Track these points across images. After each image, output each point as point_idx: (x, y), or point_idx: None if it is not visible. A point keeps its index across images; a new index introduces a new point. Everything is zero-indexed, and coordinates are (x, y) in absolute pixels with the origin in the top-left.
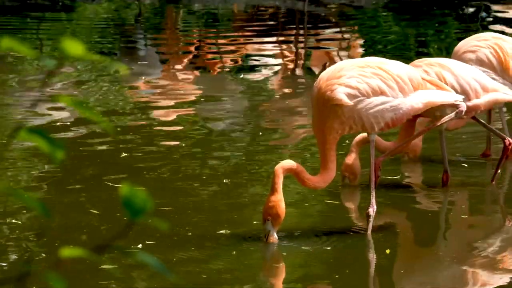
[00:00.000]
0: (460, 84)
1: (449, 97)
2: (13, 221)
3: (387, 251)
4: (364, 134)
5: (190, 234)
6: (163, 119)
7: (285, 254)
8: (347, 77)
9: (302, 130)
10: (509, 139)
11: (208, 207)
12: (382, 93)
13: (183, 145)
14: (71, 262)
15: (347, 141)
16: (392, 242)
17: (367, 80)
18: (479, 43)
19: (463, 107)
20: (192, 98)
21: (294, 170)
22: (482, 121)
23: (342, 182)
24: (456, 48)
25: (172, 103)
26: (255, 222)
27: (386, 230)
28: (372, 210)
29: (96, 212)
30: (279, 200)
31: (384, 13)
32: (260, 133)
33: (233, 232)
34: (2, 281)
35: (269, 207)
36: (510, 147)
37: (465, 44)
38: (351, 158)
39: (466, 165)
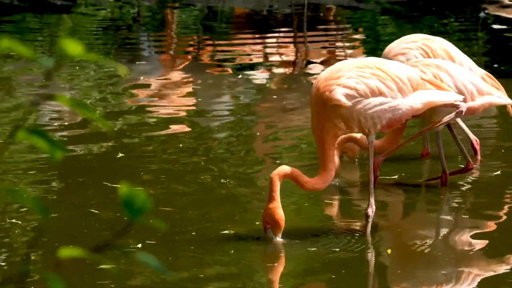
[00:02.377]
0: (457, 86)
1: (449, 97)
2: (13, 221)
3: (388, 251)
4: (351, 133)
5: (194, 234)
6: (161, 119)
7: (284, 254)
8: (346, 77)
9: (301, 130)
10: (473, 163)
11: (208, 207)
12: (380, 93)
13: (180, 145)
14: (70, 262)
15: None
16: (391, 242)
17: (366, 80)
18: (408, 45)
19: (463, 107)
20: (191, 98)
21: (290, 175)
22: (454, 132)
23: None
24: (386, 50)
25: (170, 102)
26: (257, 223)
27: (385, 230)
28: (371, 210)
29: (96, 212)
30: (276, 207)
31: (383, 15)
32: (258, 133)
33: (233, 232)
34: (2, 281)
35: (267, 215)
36: (470, 170)
37: (395, 47)
38: None
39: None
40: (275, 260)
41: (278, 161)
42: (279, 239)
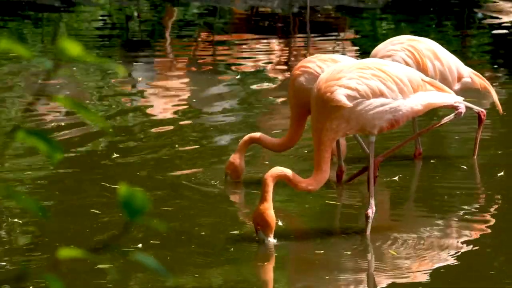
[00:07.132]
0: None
1: (448, 98)
2: (15, 220)
3: (392, 252)
4: (252, 134)
5: (193, 234)
6: (157, 120)
7: (284, 254)
8: (347, 78)
9: None
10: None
11: (207, 207)
12: (381, 94)
13: (176, 145)
14: (70, 262)
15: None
16: (391, 243)
17: (367, 81)
18: (394, 46)
19: (463, 108)
20: (187, 99)
21: (284, 176)
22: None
23: (224, 178)
24: (373, 52)
25: (167, 103)
26: None
27: (385, 230)
28: (371, 211)
29: (96, 212)
30: (267, 208)
31: (383, 15)
32: None
33: (233, 232)
34: (2, 281)
35: (257, 215)
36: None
37: (382, 49)
38: (236, 157)
39: (465, 167)
40: (276, 260)
41: (266, 162)
42: (270, 240)
